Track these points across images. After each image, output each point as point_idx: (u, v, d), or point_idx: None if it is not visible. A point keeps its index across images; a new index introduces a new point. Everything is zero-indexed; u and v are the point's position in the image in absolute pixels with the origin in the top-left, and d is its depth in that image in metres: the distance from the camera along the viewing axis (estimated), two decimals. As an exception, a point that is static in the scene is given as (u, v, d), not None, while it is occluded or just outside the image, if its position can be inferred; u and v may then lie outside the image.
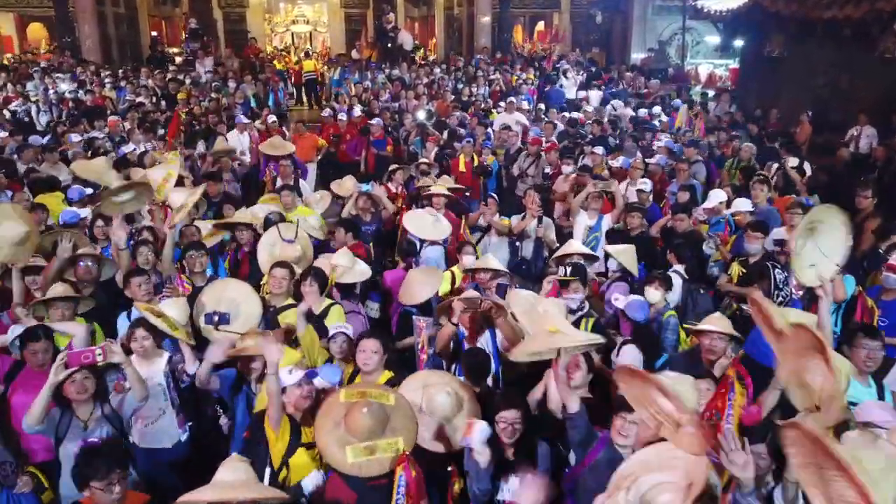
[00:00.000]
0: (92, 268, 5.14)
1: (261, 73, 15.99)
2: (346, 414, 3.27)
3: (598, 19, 20.41)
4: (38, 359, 4.02)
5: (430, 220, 6.46)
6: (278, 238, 5.54)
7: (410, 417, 3.40)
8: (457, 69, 17.35)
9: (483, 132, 11.40)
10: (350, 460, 3.16)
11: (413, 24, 24.97)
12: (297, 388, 3.63)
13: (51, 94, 13.55)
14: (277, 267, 5.03)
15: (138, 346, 4.17)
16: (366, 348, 4.05)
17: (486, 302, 4.42)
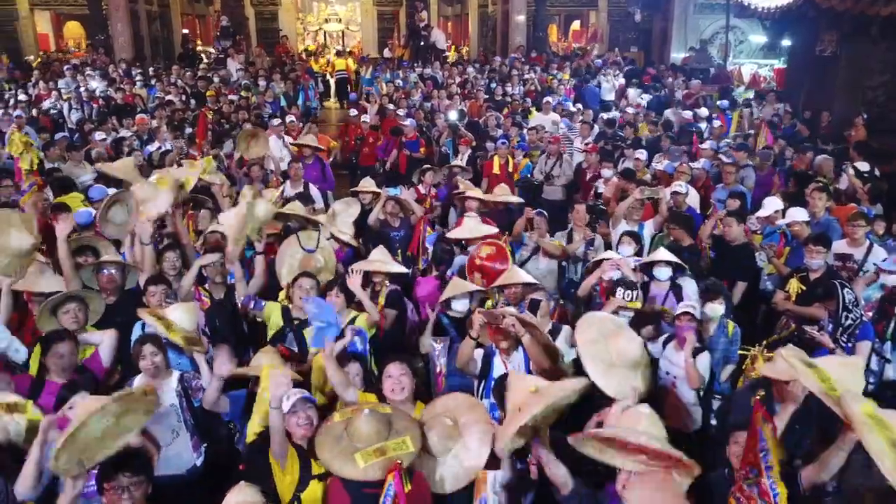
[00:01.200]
0: (116, 275, 4.84)
1: (291, 72, 15.74)
2: (347, 426, 3.19)
3: (636, 17, 19.80)
4: (63, 362, 3.75)
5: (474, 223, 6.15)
6: (298, 247, 5.19)
7: (411, 420, 3.33)
8: (491, 69, 16.93)
9: (517, 133, 10.99)
10: (361, 465, 3.05)
11: (446, 23, 24.62)
12: (293, 415, 3.33)
13: (82, 92, 13.48)
14: (304, 277, 4.71)
15: (147, 363, 3.84)
16: (392, 373, 3.68)
17: (510, 318, 4.00)
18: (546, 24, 20.69)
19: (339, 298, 4.70)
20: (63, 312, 4.24)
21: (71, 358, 3.76)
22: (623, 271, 5.20)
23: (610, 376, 3.34)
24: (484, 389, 4.21)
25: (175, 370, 4.03)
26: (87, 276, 4.85)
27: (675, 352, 4.52)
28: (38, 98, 13.65)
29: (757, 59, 18.62)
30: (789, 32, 13.89)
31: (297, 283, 4.66)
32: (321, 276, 5.08)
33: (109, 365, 4.06)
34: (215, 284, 4.94)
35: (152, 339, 3.91)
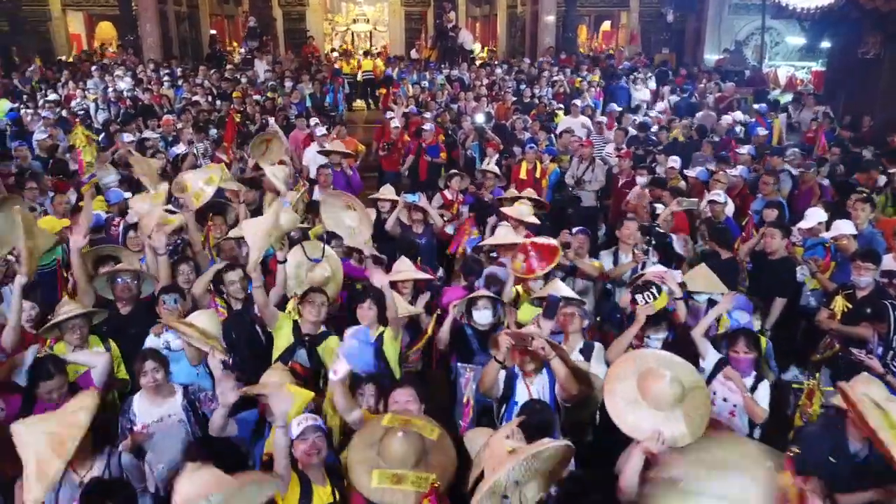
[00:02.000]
0: (131, 284, 4.70)
1: (317, 73, 15.64)
2: (383, 437, 3.10)
3: (668, 18, 19.36)
4: (51, 397, 3.58)
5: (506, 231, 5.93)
6: (304, 258, 4.99)
7: (450, 458, 3.16)
8: (519, 70, 16.66)
9: (546, 137, 10.73)
10: (373, 484, 2.95)
11: (474, 24, 24.37)
12: (302, 441, 3.15)
13: (110, 92, 13.51)
14: (314, 293, 4.51)
15: (149, 379, 3.69)
16: (398, 400, 3.52)
17: (539, 340, 3.77)
18: (576, 25, 20.36)
19: (372, 311, 4.51)
20: (69, 329, 4.15)
21: (60, 391, 3.60)
22: (669, 286, 4.95)
23: (629, 413, 3.10)
24: (505, 413, 4.00)
25: (177, 384, 3.89)
26: (101, 285, 4.73)
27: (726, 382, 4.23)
28: (67, 98, 13.71)
29: (794, 61, 18.10)
30: (830, 34, 13.44)
31: (308, 298, 4.47)
32: (328, 287, 4.91)
33: (101, 387, 3.90)
34: (234, 299, 4.81)
35: (153, 354, 3.77)
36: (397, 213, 6.54)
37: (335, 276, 5.13)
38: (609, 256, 6.02)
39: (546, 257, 5.09)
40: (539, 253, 5.11)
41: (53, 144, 9.65)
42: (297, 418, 3.22)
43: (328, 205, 5.79)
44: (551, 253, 5.12)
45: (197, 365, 4.15)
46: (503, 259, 5.79)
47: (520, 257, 5.18)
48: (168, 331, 4.23)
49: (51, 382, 3.54)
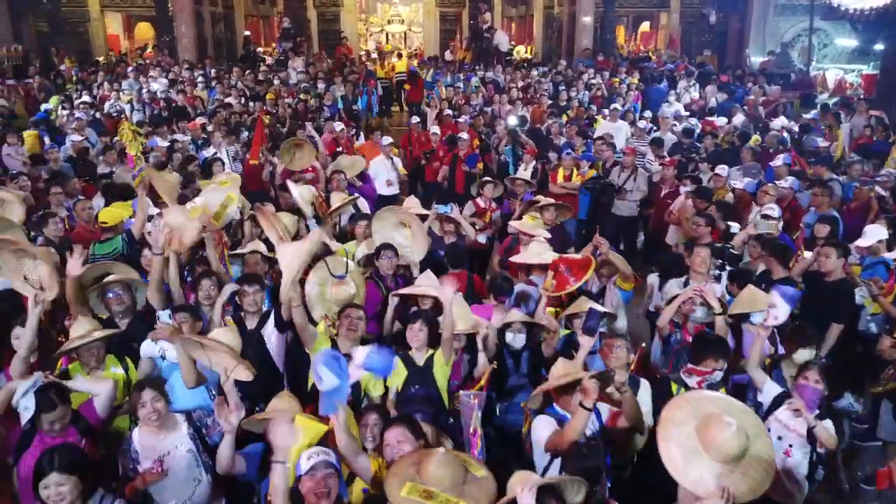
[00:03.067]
0: (124, 296, 4.47)
1: (350, 75, 15.47)
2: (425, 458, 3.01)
3: (711, 19, 18.80)
4: (53, 428, 3.34)
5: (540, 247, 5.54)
6: (328, 274, 4.73)
7: (488, 497, 2.93)
8: (556, 71, 16.30)
9: (583, 142, 10.37)
10: (403, 493, 2.83)
11: (510, 24, 24.05)
12: (310, 477, 2.87)
13: (144, 94, 13.51)
14: (351, 307, 4.32)
15: (149, 411, 3.40)
16: (390, 441, 3.22)
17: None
18: (614, 26, 19.89)
19: (423, 333, 4.24)
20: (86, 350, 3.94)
21: (62, 422, 3.37)
22: (708, 301, 4.61)
23: (690, 466, 2.78)
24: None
25: (180, 414, 3.66)
26: (93, 302, 4.50)
27: (792, 414, 3.86)
28: (101, 99, 13.76)
29: (842, 63, 17.41)
30: (884, 35, 12.82)
31: (345, 313, 4.27)
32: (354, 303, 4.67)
33: (104, 415, 3.66)
34: (249, 313, 4.51)
35: (152, 383, 3.52)
36: (428, 224, 6.27)
37: (359, 293, 4.89)
38: (678, 284, 5.41)
39: (578, 271, 4.76)
40: (570, 268, 4.79)
41: (85, 147, 9.58)
42: (307, 451, 2.95)
43: (381, 220, 5.62)
44: (583, 266, 4.81)
45: (194, 387, 3.89)
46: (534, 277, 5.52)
47: (549, 275, 4.88)
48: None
49: (53, 414, 3.31)
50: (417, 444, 3.24)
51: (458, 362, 4.52)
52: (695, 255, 5.38)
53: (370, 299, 5.18)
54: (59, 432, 3.32)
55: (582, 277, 4.69)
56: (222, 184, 5.23)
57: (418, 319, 4.30)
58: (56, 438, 3.27)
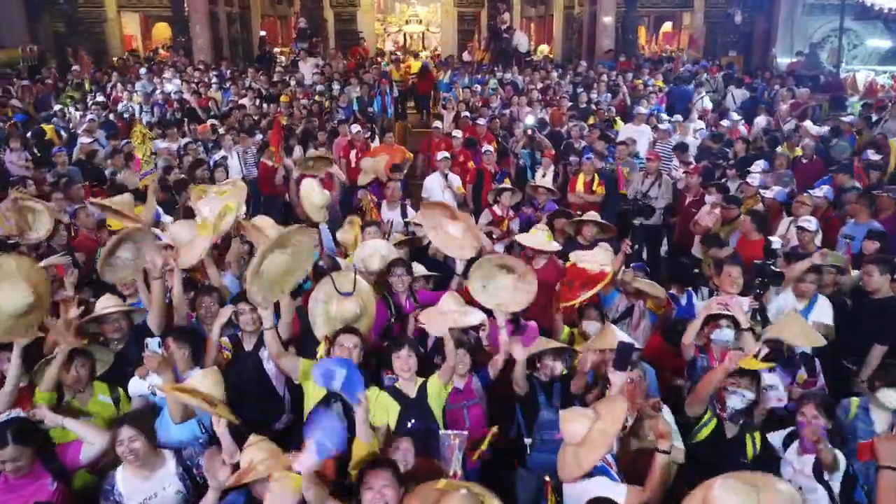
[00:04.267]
0: (122, 323, 4.21)
1: (366, 76, 15.19)
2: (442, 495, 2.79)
3: (736, 19, 18.29)
4: (5, 468, 3.04)
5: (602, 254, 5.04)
6: (333, 291, 4.39)
7: None
8: (576, 73, 15.91)
9: (604, 146, 9.98)
10: None
11: (528, 25, 23.66)
12: None
13: (157, 95, 13.32)
14: (346, 334, 3.92)
15: (125, 451, 3.11)
16: (373, 485, 2.89)
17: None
18: (636, 27, 19.44)
19: (412, 360, 3.92)
20: (65, 369, 3.62)
21: (16, 464, 3.05)
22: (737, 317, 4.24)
23: None
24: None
25: (168, 450, 3.36)
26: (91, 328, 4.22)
27: (801, 455, 3.48)
28: (114, 100, 13.60)
29: (873, 65, 16.83)
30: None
31: (338, 341, 3.89)
32: (360, 323, 4.34)
33: (87, 463, 3.33)
34: (246, 333, 4.20)
35: (132, 420, 3.21)
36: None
37: (367, 310, 4.52)
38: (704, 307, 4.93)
39: (590, 282, 4.37)
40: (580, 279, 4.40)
41: (93, 150, 9.37)
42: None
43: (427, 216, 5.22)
44: (599, 277, 4.41)
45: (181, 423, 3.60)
46: None
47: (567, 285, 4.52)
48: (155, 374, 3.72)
49: (3, 452, 3.00)
50: (399, 492, 2.92)
51: (469, 382, 4.20)
52: (724, 274, 4.98)
53: (377, 318, 4.90)
54: (20, 474, 3.02)
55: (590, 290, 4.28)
56: (221, 193, 4.92)
57: (404, 346, 3.94)
58: (21, 480, 2.98)
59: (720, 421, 3.63)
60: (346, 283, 4.49)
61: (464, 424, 4.10)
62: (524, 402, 4.17)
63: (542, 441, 3.99)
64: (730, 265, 4.98)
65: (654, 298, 4.91)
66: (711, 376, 3.67)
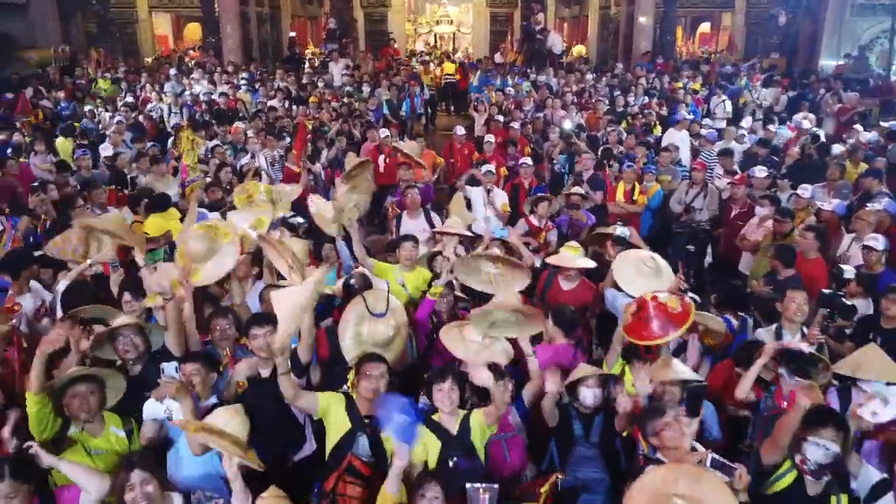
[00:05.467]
0: (136, 341, 3.87)
1: (395, 77, 14.88)
2: None
3: (780, 19, 17.59)
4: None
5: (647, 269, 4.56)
6: (365, 311, 4.05)
7: None
8: (613, 74, 15.44)
9: (644, 153, 9.54)
10: None
11: (562, 25, 23.19)
12: None
13: (186, 96, 13.17)
14: (371, 362, 3.59)
15: (137, 496, 2.83)
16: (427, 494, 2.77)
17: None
18: (674, 27, 18.86)
19: (455, 394, 3.60)
20: (71, 398, 3.33)
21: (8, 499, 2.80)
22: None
23: None
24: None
25: (177, 495, 3.07)
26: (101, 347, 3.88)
27: None
28: (144, 101, 13.49)
29: (926, 68, 16.10)
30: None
31: (363, 370, 3.56)
32: (393, 346, 4.00)
33: None
34: (261, 359, 3.82)
35: (141, 462, 2.92)
36: (481, 250, 5.59)
37: (400, 332, 4.20)
38: (769, 335, 4.59)
39: (675, 321, 3.84)
40: (660, 314, 3.90)
41: (116, 152, 9.19)
42: None
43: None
44: (681, 318, 3.81)
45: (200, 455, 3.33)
46: None
47: (631, 309, 3.96)
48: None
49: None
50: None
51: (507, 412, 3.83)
52: (787, 300, 4.53)
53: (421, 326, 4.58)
54: None
55: (671, 333, 3.74)
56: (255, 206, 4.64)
57: (448, 378, 3.61)
58: None
59: (800, 474, 3.17)
60: (379, 303, 4.18)
61: (504, 460, 3.81)
62: (559, 434, 3.85)
63: (575, 478, 3.66)
64: (794, 290, 4.54)
65: (712, 333, 4.38)
66: (786, 423, 3.26)
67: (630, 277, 4.51)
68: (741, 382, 3.99)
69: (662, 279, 4.41)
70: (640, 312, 3.90)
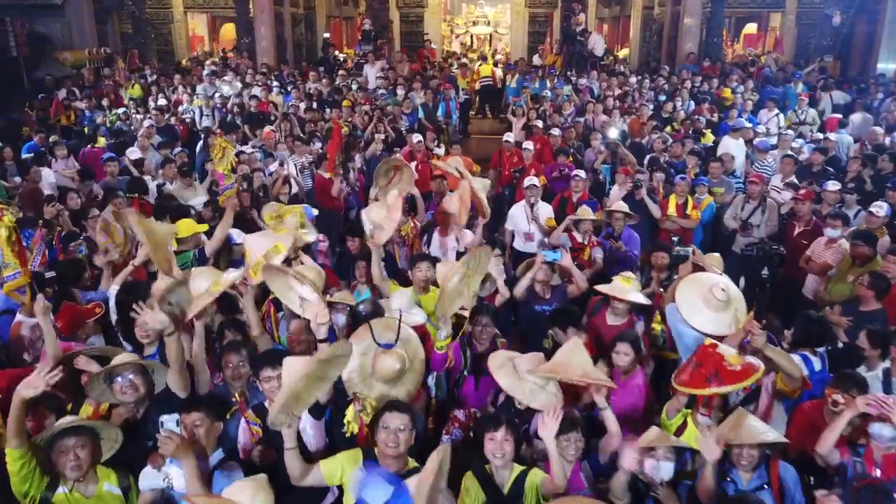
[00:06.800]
0: (136, 381, 3.45)
1: (432, 80, 14.43)
2: None
3: (834, 20, 16.71)
4: None
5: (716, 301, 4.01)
6: (371, 341, 3.57)
7: None
8: (658, 75, 14.79)
9: (695, 162, 8.95)
10: None
11: (601, 26, 22.51)
12: None
13: (217, 98, 12.91)
14: (392, 411, 3.11)
15: None
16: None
17: None
18: (722, 28, 18.08)
19: (509, 444, 3.18)
20: (59, 453, 2.94)
21: None
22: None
23: None
24: None
25: None
26: (97, 390, 3.45)
27: None
28: (176, 103, 13.27)
29: None
30: None
31: (383, 421, 3.09)
32: (404, 382, 3.54)
33: None
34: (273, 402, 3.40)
35: None
36: (533, 274, 5.11)
37: (413, 366, 3.68)
38: (875, 380, 4.05)
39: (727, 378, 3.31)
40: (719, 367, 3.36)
41: (140, 158, 8.91)
42: None
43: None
44: (738, 376, 3.29)
45: None
46: None
47: (692, 365, 3.46)
48: (171, 461, 3.00)
49: None
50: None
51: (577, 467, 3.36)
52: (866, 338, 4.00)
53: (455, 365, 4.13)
54: None
55: (734, 384, 3.27)
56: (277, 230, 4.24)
57: (502, 426, 3.17)
58: None
59: None
60: (387, 333, 3.69)
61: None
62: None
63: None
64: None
65: (789, 378, 3.81)
66: None
67: (696, 306, 4.00)
68: (823, 437, 3.44)
69: (731, 313, 3.88)
70: (694, 357, 3.47)
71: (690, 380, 3.34)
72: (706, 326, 3.85)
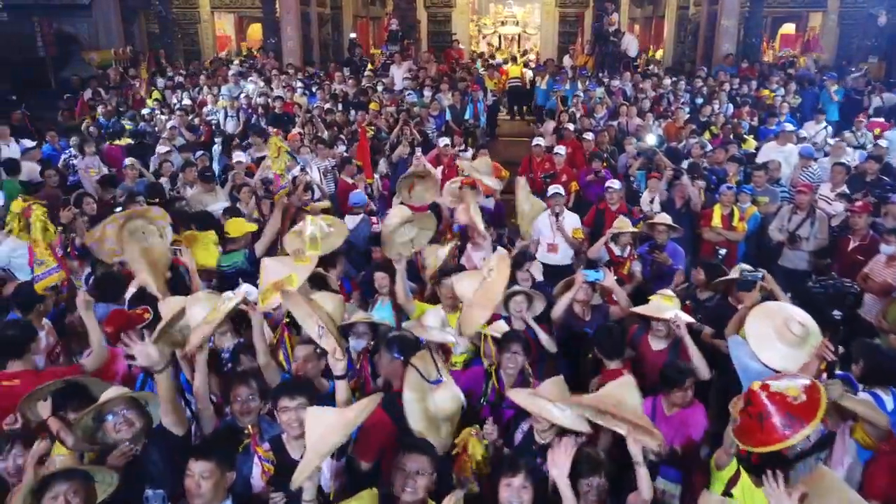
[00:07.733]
0: (130, 416, 3.14)
1: (460, 81, 14.06)
2: None
3: (880, 20, 16.02)
4: None
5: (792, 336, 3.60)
6: (424, 383, 3.24)
7: None
8: (696, 76, 14.29)
9: (737, 170, 8.49)
10: None
11: (632, 27, 21.95)
12: None
13: (242, 99, 12.69)
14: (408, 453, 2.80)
15: None
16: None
17: None
18: (760, 29, 17.48)
19: (527, 493, 2.82)
20: (50, 500, 2.64)
21: None
22: None
23: None
24: None
25: None
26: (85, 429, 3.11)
27: None
28: (200, 104, 13.08)
29: None
30: None
31: (400, 463, 2.78)
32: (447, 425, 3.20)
33: None
34: (292, 438, 3.10)
35: None
36: (573, 294, 4.72)
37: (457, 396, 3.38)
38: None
39: (801, 414, 2.81)
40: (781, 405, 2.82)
41: (162, 160, 8.70)
42: None
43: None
44: (808, 408, 2.79)
45: None
46: None
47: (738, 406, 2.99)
48: None
49: None
50: None
51: None
52: None
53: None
54: None
55: (799, 432, 2.75)
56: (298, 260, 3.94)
57: (520, 472, 2.82)
58: None
59: None
60: (431, 369, 3.38)
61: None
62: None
63: None
64: None
65: (871, 427, 3.28)
66: None
67: (767, 340, 3.59)
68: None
69: (807, 350, 3.46)
70: (750, 408, 2.92)
71: (765, 435, 2.85)
72: (774, 361, 3.44)
